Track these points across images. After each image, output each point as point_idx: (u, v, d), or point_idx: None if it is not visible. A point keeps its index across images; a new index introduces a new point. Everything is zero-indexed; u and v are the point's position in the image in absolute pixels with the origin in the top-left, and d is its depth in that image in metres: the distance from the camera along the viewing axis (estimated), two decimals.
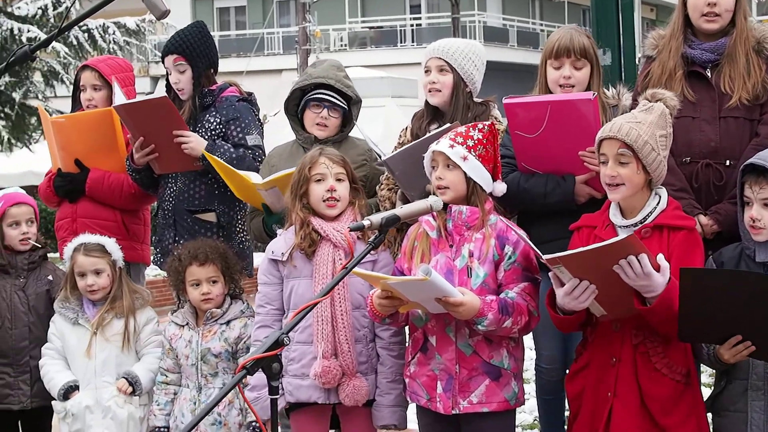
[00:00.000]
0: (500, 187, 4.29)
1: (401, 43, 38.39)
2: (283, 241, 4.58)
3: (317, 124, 5.13)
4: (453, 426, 4.29)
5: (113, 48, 19.15)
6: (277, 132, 12.91)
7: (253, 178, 5.00)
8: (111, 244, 5.11)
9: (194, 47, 5.32)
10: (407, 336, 4.56)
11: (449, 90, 4.89)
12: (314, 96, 5.15)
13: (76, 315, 5.06)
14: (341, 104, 5.15)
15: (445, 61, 4.89)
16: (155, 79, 33.36)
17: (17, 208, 5.33)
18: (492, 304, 4.04)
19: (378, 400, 4.52)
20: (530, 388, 7.13)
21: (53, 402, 5.07)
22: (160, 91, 5.55)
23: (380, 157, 4.78)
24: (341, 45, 38.49)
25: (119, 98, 5.42)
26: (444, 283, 3.93)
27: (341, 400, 4.46)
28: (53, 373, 5.06)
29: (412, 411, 7.27)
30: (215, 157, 5.06)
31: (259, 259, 4.93)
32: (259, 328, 4.60)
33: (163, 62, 5.45)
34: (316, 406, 4.54)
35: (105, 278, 5.05)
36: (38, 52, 4.13)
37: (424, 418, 4.41)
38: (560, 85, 4.63)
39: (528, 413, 7.30)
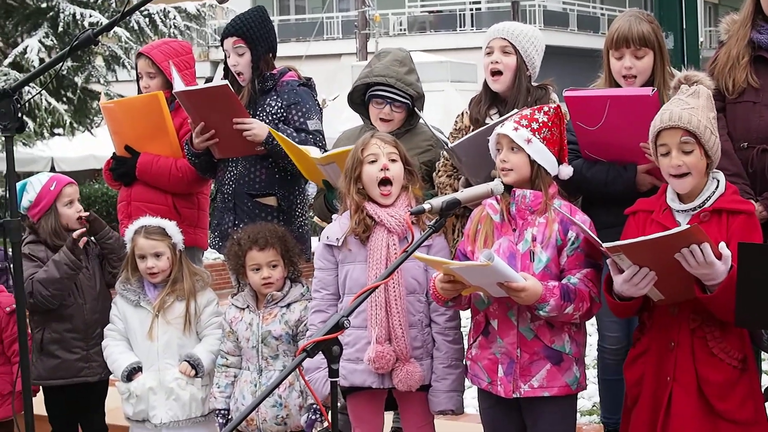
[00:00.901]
0: (566, 171, 4.27)
1: (460, 27, 38.26)
2: (338, 226, 4.58)
3: (381, 119, 5.17)
4: (514, 409, 4.29)
5: (173, 32, 19.29)
6: (336, 117, 12.97)
7: (313, 152, 5.03)
8: (171, 227, 5.16)
9: (254, 31, 5.34)
10: (461, 321, 4.56)
11: (512, 72, 4.85)
12: (376, 93, 5.19)
13: (137, 297, 5.12)
14: (403, 101, 5.16)
15: (509, 42, 4.86)
16: (215, 64, 33.57)
17: (70, 188, 5.45)
18: (554, 290, 4.02)
19: (434, 385, 4.52)
20: (590, 374, 7.11)
21: (116, 383, 5.14)
22: (219, 75, 5.57)
23: (446, 145, 4.77)
24: (400, 29, 38.45)
25: (178, 84, 5.46)
26: (506, 269, 3.92)
27: (394, 385, 4.46)
28: (116, 355, 5.14)
29: (468, 395, 7.33)
30: (279, 133, 5.09)
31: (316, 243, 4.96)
32: (315, 312, 4.62)
33: (222, 45, 5.47)
34: (371, 390, 4.55)
35: (165, 261, 5.10)
36: (100, 36, 4.17)
37: (485, 400, 4.41)
38: (623, 76, 4.58)
39: (587, 399, 7.26)
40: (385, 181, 4.46)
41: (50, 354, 5.30)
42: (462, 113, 5.15)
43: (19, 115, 4.12)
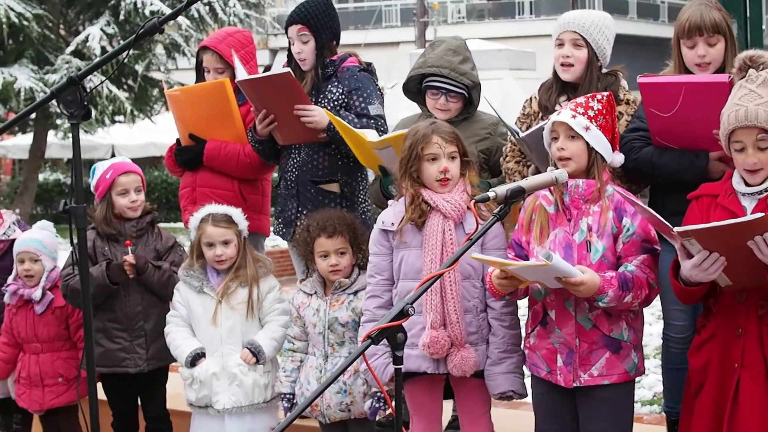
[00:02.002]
0: (618, 158, 4.25)
1: (519, 15, 38.09)
2: (393, 211, 4.58)
3: (437, 108, 5.17)
4: (568, 396, 4.27)
5: (233, 21, 19.39)
6: (394, 104, 12.93)
7: (369, 136, 5.03)
8: (237, 214, 5.18)
9: (318, 18, 5.34)
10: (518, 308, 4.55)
11: (583, 65, 4.81)
12: (431, 84, 5.19)
13: (201, 283, 5.15)
14: (458, 91, 5.15)
15: (580, 35, 4.81)
16: (274, 52, 33.68)
17: (125, 177, 5.46)
18: (612, 281, 4.00)
19: (490, 369, 4.48)
20: (649, 363, 7.05)
21: (179, 369, 5.18)
22: (279, 63, 5.58)
23: (517, 135, 4.74)
24: (459, 17, 38.33)
25: (241, 73, 5.48)
26: (564, 265, 3.91)
27: (449, 370, 4.45)
28: (180, 341, 5.17)
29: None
30: (338, 118, 5.09)
31: None
32: (370, 298, 4.62)
33: (286, 32, 5.47)
34: (428, 375, 4.54)
35: (232, 248, 5.12)
36: (164, 25, 4.19)
37: (538, 387, 4.40)
38: (697, 65, 4.53)
39: (647, 389, 7.21)
40: (444, 181, 4.46)
41: (96, 342, 5.32)
42: (530, 98, 5.11)
43: (85, 102, 4.15)
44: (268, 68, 5.67)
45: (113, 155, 25.36)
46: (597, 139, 4.14)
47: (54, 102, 4.17)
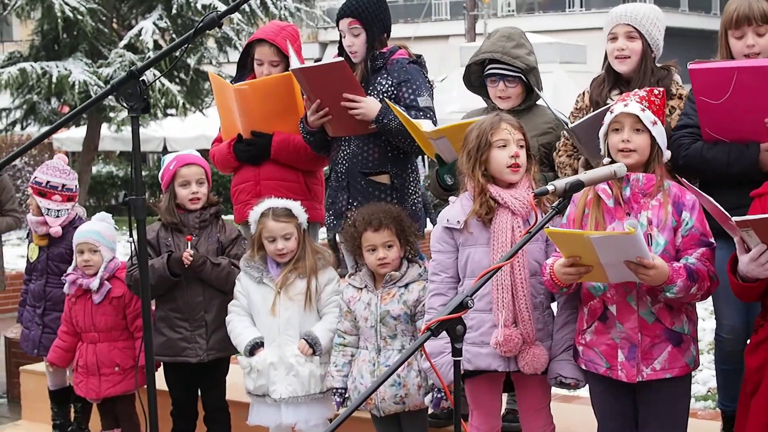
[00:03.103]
0: (667, 154, 4.26)
1: (569, 8, 37.87)
2: (459, 208, 4.55)
3: (498, 97, 5.19)
4: (627, 391, 4.26)
5: (284, 14, 19.45)
6: (444, 98, 12.93)
7: (424, 126, 5.04)
8: (297, 207, 5.21)
9: (369, 11, 5.34)
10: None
11: (638, 57, 4.81)
12: (488, 72, 5.23)
13: (260, 274, 5.18)
14: (514, 75, 5.14)
15: (634, 27, 4.80)
16: (324, 45, 33.79)
17: (187, 169, 5.50)
18: (680, 271, 3.98)
19: (557, 355, 4.46)
20: (703, 359, 7.01)
21: (239, 357, 5.23)
22: (329, 57, 5.59)
23: (567, 125, 4.73)
24: (509, 11, 38.22)
25: (295, 62, 5.50)
26: (643, 242, 3.88)
27: (520, 368, 4.44)
28: (240, 329, 5.21)
29: None
30: (395, 106, 5.11)
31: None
32: (435, 296, 4.59)
33: (337, 25, 5.49)
34: (491, 373, 4.53)
35: (293, 242, 5.15)
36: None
37: (597, 384, 4.38)
38: (745, 55, 4.50)
39: (701, 384, 7.18)
40: (515, 167, 4.43)
41: (158, 331, 5.40)
42: (583, 93, 5.11)
43: (145, 96, 4.19)
44: (318, 62, 5.67)
45: (165, 148, 25.60)
46: (661, 134, 4.15)
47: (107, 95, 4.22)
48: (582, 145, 4.71)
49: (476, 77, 5.41)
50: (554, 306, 4.56)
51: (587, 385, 4.47)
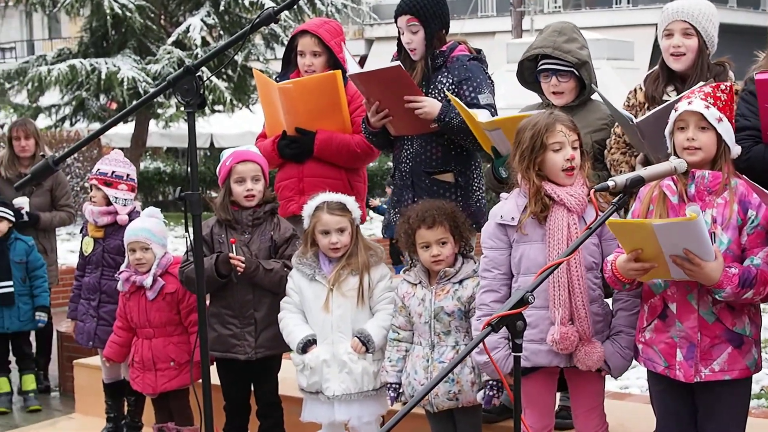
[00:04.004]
0: (736, 149, 4.18)
1: (616, 4, 37.60)
2: (513, 204, 4.53)
3: (552, 93, 5.18)
4: (686, 391, 4.21)
5: (331, 11, 19.49)
6: None
7: (480, 117, 5.03)
8: (351, 202, 5.20)
9: (427, 8, 5.32)
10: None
11: (694, 54, 4.77)
12: (541, 68, 5.23)
13: (313, 271, 5.17)
14: (566, 69, 5.13)
15: (690, 24, 4.76)
16: (370, 42, 33.78)
17: (243, 165, 5.46)
18: (733, 279, 3.92)
19: (617, 339, 4.44)
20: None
21: (291, 355, 5.23)
22: (376, 54, 5.58)
23: (631, 121, 4.69)
24: (555, 7, 38.02)
25: (352, 67, 5.49)
26: (704, 229, 3.82)
27: (575, 364, 4.42)
28: (292, 327, 5.20)
29: (632, 375, 7.23)
30: (455, 98, 5.10)
31: None
32: (486, 292, 4.58)
33: (395, 22, 5.49)
34: (544, 368, 4.52)
35: (347, 236, 5.14)
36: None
37: (657, 384, 4.34)
38: None
39: (755, 383, 7.09)
40: (569, 169, 4.41)
41: (210, 327, 5.38)
42: (635, 89, 5.07)
43: (201, 91, 4.20)
44: (363, 58, 5.66)
45: (212, 144, 25.76)
46: (727, 131, 4.08)
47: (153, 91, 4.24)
48: (645, 140, 4.67)
49: (529, 73, 5.40)
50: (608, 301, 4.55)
51: (647, 383, 4.45)
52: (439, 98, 5.30)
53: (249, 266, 5.33)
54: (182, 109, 20.08)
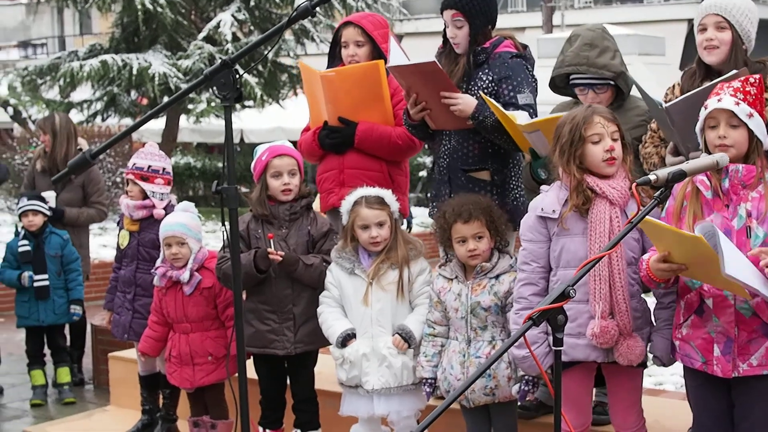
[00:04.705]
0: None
1: None
2: (554, 197, 4.51)
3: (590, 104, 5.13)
4: (724, 386, 4.18)
5: (361, 6, 19.49)
6: None
7: (519, 119, 5.00)
8: (389, 195, 5.19)
9: (473, 4, 5.27)
10: None
11: (727, 47, 4.73)
12: (575, 82, 5.21)
13: (352, 265, 5.17)
14: (602, 83, 5.12)
15: (723, 17, 4.72)
16: (399, 38, 33.69)
17: (279, 160, 5.45)
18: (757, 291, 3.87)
19: (661, 333, 4.42)
20: None
21: (331, 348, 5.23)
22: (408, 50, 5.57)
23: (660, 106, 4.66)
24: (586, 2, 37.82)
25: (394, 57, 5.48)
26: (709, 249, 3.75)
27: (616, 359, 4.41)
28: (331, 321, 5.21)
29: (667, 372, 7.19)
30: (491, 100, 5.08)
31: None
32: (524, 285, 4.57)
33: (441, 15, 5.46)
34: (582, 364, 4.50)
35: (386, 230, 5.13)
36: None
37: (693, 379, 4.31)
38: None
39: None
40: (610, 161, 4.40)
41: (247, 322, 5.38)
42: (673, 86, 5.05)
43: (237, 85, 4.21)
44: (399, 39, 5.65)
45: (242, 140, 25.80)
46: (759, 125, 4.06)
47: (184, 87, 4.25)
48: (674, 128, 4.64)
49: (561, 79, 5.38)
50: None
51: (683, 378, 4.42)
52: (478, 95, 5.28)
53: (290, 261, 5.33)
54: (213, 104, 20.11)
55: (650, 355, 4.47)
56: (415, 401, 5.16)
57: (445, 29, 5.42)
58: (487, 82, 5.29)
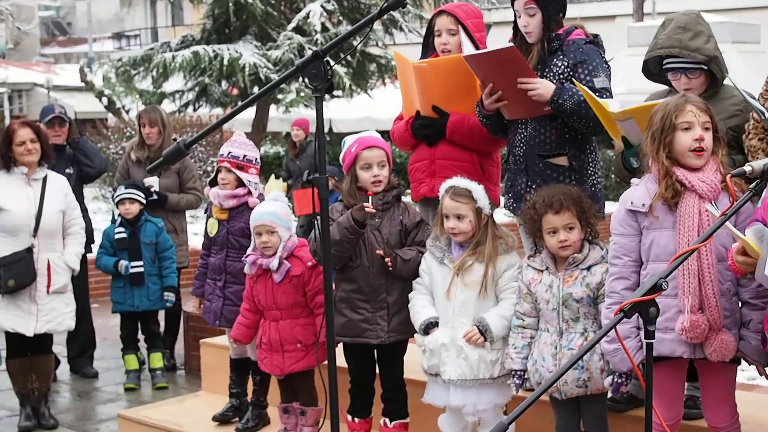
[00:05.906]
0: None
1: None
2: (644, 190, 4.47)
3: (682, 89, 5.08)
4: None
5: None
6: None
7: (611, 106, 4.96)
8: (479, 191, 5.13)
9: None
10: None
11: None
12: (668, 66, 5.15)
13: (442, 254, 5.18)
14: (695, 67, 5.06)
15: None
16: (488, 27, 33.49)
17: (369, 152, 5.46)
18: None
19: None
20: None
21: (415, 335, 5.26)
22: (493, 38, 5.56)
23: (763, 115, 4.59)
24: None
25: (467, 48, 5.48)
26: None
27: (707, 355, 4.35)
28: (418, 308, 5.24)
29: None
30: (581, 85, 5.05)
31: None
32: (616, 279, 4.53)
33: (512, 5, 5.46)
34: (674, 359, 4.45)
35: (467, 223, 5.10)
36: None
37: None
38: None
39: None
40: (698, 150, 4.35)
41: (339, 312, 5.42)
42: None
43: (329, 76, 4.24)
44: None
45: (330, 129, 25.92)
46: None
47: (274, 77, 4.29)
48: None
49: (654, 65, 5.31)
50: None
51: None
52: (554, 81, 5.26)
53: (389, 257, 5.34)
54: (302, 94, 20.19)
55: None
56: (492, 395, 5.12)
57: (515, 20, 5.41)
58: (562, 68, 5.28)
